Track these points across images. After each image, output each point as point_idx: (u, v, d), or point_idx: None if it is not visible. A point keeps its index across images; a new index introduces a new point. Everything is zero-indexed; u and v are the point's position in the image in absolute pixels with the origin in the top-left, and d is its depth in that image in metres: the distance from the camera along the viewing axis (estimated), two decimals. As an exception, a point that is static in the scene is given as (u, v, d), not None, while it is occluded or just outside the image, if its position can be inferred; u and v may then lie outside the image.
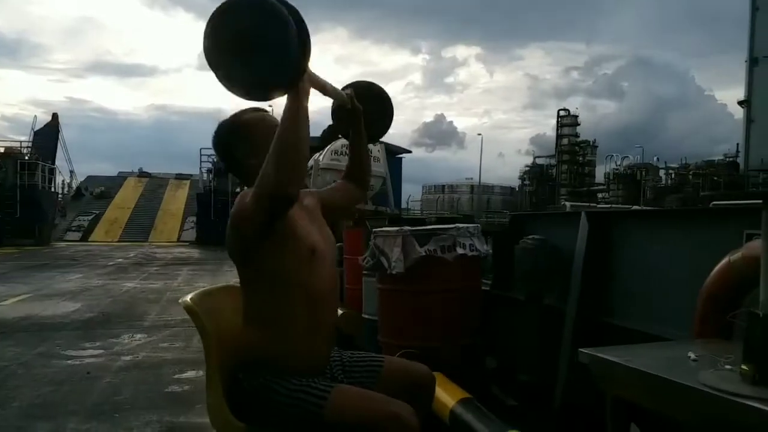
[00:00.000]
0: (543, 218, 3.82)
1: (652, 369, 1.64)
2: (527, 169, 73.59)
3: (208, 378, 1.62)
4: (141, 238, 27.51)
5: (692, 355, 1.72)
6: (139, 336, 5.26)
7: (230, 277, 10.95)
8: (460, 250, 3.20)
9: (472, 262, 3.39)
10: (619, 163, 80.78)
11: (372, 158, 7.08)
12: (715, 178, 62.36)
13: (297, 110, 1.45)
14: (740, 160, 64.56)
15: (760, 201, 1.58)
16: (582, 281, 3.08)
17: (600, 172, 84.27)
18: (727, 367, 1.58)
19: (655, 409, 1.73)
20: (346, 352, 1.89)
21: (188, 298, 1.73)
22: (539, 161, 77.51)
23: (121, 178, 39.67)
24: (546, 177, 75.10)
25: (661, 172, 71.94)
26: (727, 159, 66.74)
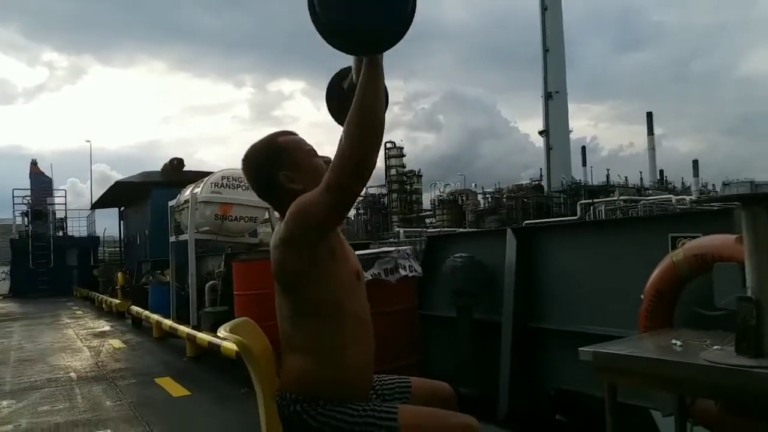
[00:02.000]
0: (459, 237, 4.06)
1: (658, 355, 1.86)
2: (361, 199, 76.11)
3: (268, 417, 1.52)
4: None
5: (677, 342, 1.98)
6: (6, 402, 4.54)
7: (77, 329, 9.85)
8: (402, 272, 3.29)
9: (411, 283, 3.49)
10: (442, 189, 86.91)
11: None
12: (525, 200, 69.64)
13: (378, 73, 1.38)
14: (544, 183, 72.70)
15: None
16: (515, 292, 3.33)
17: (426, 199, 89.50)
18: (716, 347, 1.85)
19: (657, 388, 1.96)
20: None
21: (226, 332, 1.62)
22: (372, 191, 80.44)
23: None
24: (379, 206, 78.24)
25: (479, 197, 78.68)
26: (533, 182, 74.96)
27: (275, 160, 1.68)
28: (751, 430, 2.12)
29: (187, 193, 6.88)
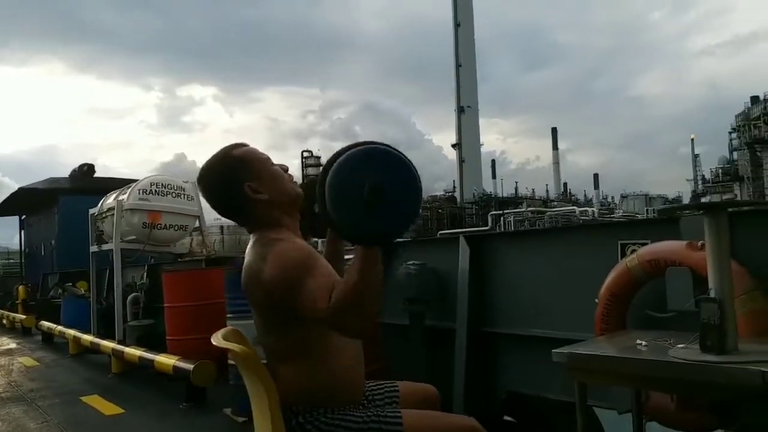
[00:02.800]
0: (411, 245, 4.11)
1: (629, 354, 1.98)
2: (276, 208, 75.27)
3: (275, 427, 1.48)
4: None
5: (642, 342, 2.11)
6: None
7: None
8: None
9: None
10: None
11: (186, 196, 6.66)
12: (440, 211, 71.35)
13: (378, 261, 1.33)
14: (457, 194, 74.78)
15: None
16: (469, 298, 3.42)
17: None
18: (680, 346, 1.99)
19: (626, 385, 2.08)
20: None
21: (220, 340, 1.57)
22: (287, 200, 79.80)
23: None
24: (295, 215, 77.64)
25: (396, 207, 79.60)
26: (447, 194, 76.99)
27: (236, 173, 1.63)
28: (702, 423, 2.30)
29: (110, 200, 6.54)
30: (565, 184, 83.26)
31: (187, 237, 6.82)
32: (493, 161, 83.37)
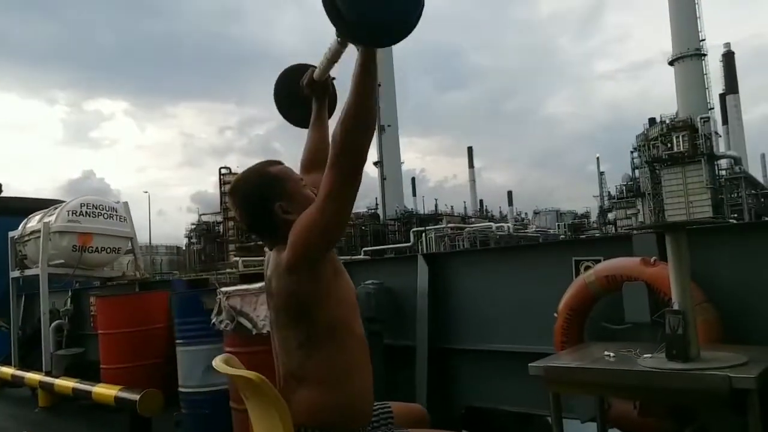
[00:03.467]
0: (368, 264, 4.16)
1: (602, 365, 2.12)
2: (193, 227, 72.87)
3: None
4: None
5: (610, 354, 2.26)
6: None
7: None
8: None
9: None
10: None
11: (118, 217, 6.38)
12: (363, 228, 71.65)
13: (375, 67, 1.43)
14: (380, 211, 75.38)
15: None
16: (429, 316, 3.51)
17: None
18: (647, 356, 2.15)
19: (598, 394, 2.22)
20: None
21: (231, 369, 1.56)
22: (206, 218, 77.41)
23: None
24: (213, 234, 75.24)
25: (319, 225, 79.21)
26: (370, 211, 77.55)
27: (270, 191, 1.66)
28: (661, 426, 2.48)
29: (34, 221, 6.16)
30: (482, 201, 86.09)
31: (124, 258, 6.50)
32: (413, 179, 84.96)
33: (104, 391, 4.53)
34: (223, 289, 3.36)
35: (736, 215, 49.61)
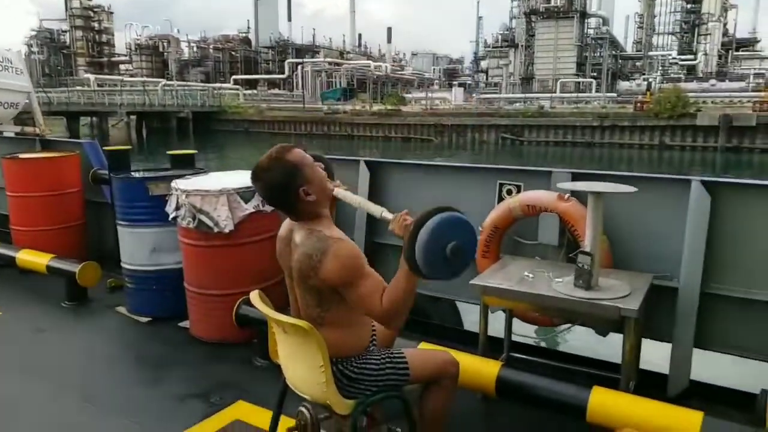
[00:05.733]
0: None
1: (527, 288, 2.78)
2: (34, 34, 64.15)
3: (327, 375, 1.95)
4: None
5: (530, 275, 2.93)
6: None
7: None
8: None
9: (276, 213, 3.84)
10: (140, 32, 78.06)
11: (13, 69, 5.87)
12: (233, 53, 67.49)
13: (416, 282, 1.88)
14: (252, 36, 70.74)
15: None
16: (367, 225, 3.98)
17: (120, 41, 79.50)
18: (558, 280, 2.83)
19: (522, 308, 2.93)
20: None
21: (275, 314, 1.96)
22: (48, 25, 68.21)
23: None
24: (59, 45, 67.04)
25: (184, 45, 73.11)
26: (241, 34, 72.51)
27: (292, 180, 1.93)
28: (553, 322, 3.26)
29: None
30: (360, 35, 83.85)
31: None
32: (289, 1, 79.87)
33: (32, 259, 4.63)
34: (181, 186, 3.54)
35: (595, 74, 53.52)
